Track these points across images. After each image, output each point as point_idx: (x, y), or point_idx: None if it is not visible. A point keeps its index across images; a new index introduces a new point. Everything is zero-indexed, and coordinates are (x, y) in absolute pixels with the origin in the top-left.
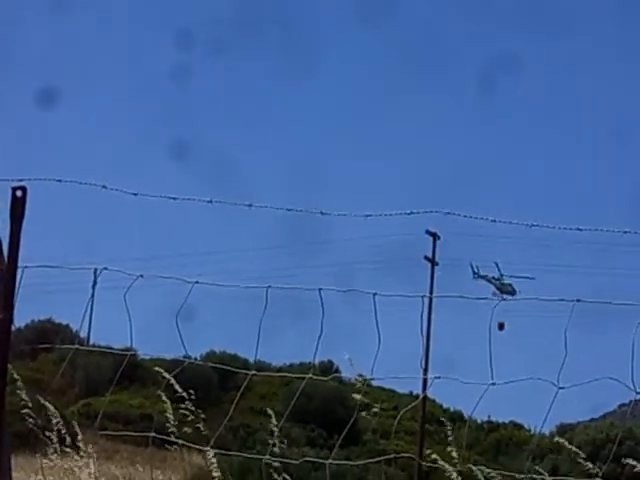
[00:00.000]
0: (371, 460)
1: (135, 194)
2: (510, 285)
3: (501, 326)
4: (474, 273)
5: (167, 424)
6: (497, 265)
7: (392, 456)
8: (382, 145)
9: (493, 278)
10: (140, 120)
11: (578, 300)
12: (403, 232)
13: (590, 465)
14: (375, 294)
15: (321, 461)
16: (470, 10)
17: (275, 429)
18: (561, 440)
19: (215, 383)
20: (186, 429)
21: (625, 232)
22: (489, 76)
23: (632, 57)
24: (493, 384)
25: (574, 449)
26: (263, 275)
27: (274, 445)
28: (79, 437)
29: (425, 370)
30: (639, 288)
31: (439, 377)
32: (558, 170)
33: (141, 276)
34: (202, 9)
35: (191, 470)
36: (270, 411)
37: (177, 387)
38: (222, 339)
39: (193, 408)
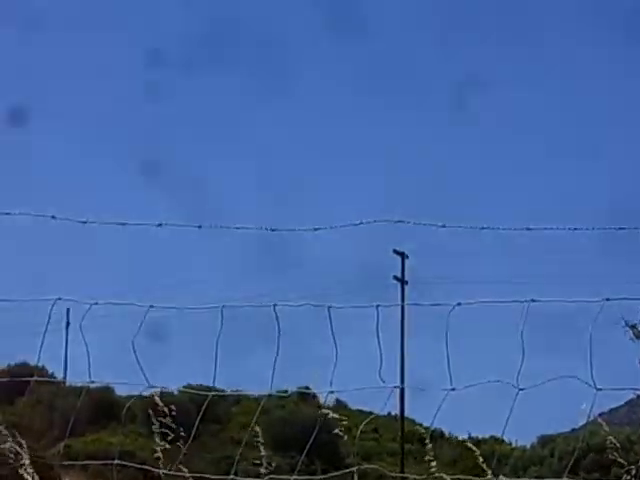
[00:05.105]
0: (339, 472)
1: (84, 222)
2: None
3: None
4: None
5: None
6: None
7: (358, 467)
8: (356, 159)
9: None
10: (111, 139)
11: (533, 300)
12: (365, 250)
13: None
14: (330, 307)
15: None
16: (441, 27)
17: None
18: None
19: (193, 416)
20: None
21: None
22: (461, 91)
23: (610, 73)
24: (453, 389)
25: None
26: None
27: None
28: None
29: (402, 390)
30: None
31: (397, 386)
32: (532, 183)
33: (96, 303)
34: (172, 28)
35: None
36: (258, 432)
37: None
38: (197, 371)
39: (168, 446)
